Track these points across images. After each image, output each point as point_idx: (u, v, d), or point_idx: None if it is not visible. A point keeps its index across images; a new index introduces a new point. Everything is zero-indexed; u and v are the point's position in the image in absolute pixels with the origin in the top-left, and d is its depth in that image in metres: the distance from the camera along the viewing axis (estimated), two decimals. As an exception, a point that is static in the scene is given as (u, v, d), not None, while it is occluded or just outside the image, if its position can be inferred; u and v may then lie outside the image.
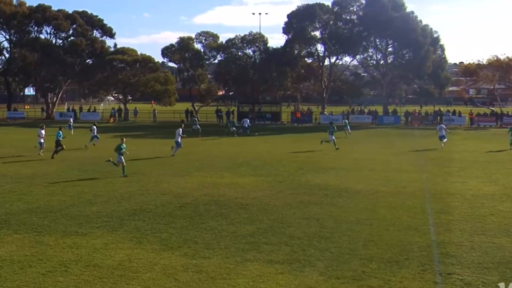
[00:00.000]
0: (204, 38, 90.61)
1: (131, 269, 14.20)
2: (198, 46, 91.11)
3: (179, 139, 38.36)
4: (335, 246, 16.17)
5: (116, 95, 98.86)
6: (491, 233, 17.58)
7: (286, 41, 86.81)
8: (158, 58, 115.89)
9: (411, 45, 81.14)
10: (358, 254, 15.48)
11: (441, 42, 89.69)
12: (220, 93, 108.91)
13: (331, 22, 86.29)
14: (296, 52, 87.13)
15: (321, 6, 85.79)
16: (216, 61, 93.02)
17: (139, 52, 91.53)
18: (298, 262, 14.82)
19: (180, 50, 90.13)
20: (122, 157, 29.23)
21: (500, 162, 35.44)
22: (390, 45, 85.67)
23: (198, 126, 58.75)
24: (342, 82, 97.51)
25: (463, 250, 15.82)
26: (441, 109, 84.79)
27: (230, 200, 22.60)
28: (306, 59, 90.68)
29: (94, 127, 45.63)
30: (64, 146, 37.95)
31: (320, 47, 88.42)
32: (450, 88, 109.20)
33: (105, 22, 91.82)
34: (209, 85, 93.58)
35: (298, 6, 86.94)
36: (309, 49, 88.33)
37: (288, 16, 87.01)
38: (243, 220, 19.36)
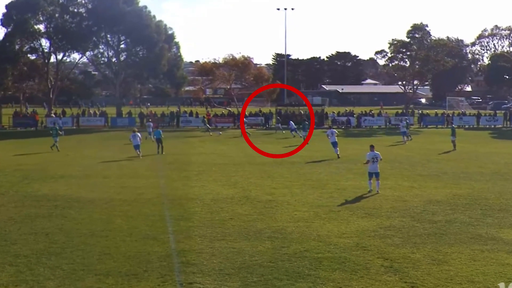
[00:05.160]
0: None
1: None
2: None
3: (335, 139, 41.13)
4: (67, 263, 15.79)
5: None
6: (231, 238, 18.43)
7: (5, 34, 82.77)
8: None
9: (145, 42, 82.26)
10: (93, 269, 15.28)
11: (176, 40, 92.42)
12: None
13: (57, 15, 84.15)
14: (17, 47, 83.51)
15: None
16: None
17: None
18: (26, 283, 14.25)
19: None
20: None
21: (239, 164, 37.24)
22: (123, 42, 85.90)
23: None
24: (70, 81, 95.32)
25: (204, 257, 16.37)
26: (179, 109, 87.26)
27: None
28: (29, 55, 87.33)
29: None
30: None
31: (45, 42, 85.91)
32: (187, 88, 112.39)
33: None
34: None
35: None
36: (32, 44, 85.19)
37: (7, 6, 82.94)
38: (-42, 240, 18.09)
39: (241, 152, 44.81)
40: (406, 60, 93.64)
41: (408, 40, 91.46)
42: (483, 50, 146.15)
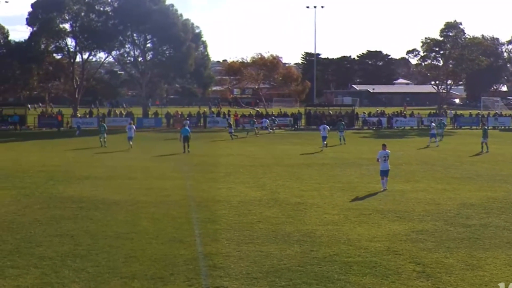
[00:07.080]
0: None
1: None
2: None
3: (326, 134, 48.87)
4: (93, 265, 15.88)
5: None
6: (259, 241, 18.40)
7: (31, 34, 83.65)
8: None
9: (172, 41, 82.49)
10: (119, 272, 15.36)
11: (203, 38, 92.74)
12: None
13: (82, 14, 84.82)
14: (43, 46, 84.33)
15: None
16: None
17: None
18: (50, 286, 14.35)
19: None
20: None
21: (267, 166, 37.22)
22: (149, 41, 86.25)
23: None
24: (96, 81, 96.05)
25: (231, 260, 16.37)
26: (206, 110, 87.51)
27: (-34, 219, 21.20)
28: (54, 54, 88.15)
29: None
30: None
31: (70, 42, 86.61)
32: (214, 88, 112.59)
33: None
34: None
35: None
36: (58, 44, 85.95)
37: (33, 5, 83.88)
38: (-17, 242, 18.29)
39: (269, 154, 44.76)
40: (439, 59, 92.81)
41: (441, 38, 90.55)
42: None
